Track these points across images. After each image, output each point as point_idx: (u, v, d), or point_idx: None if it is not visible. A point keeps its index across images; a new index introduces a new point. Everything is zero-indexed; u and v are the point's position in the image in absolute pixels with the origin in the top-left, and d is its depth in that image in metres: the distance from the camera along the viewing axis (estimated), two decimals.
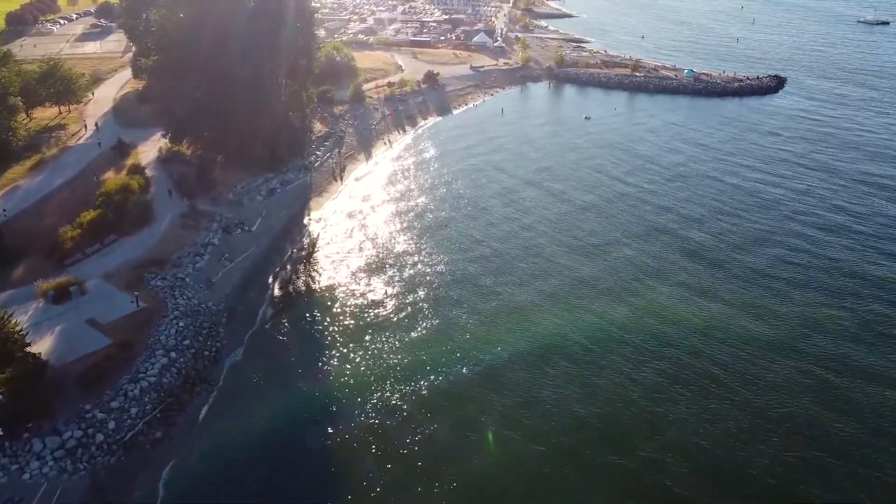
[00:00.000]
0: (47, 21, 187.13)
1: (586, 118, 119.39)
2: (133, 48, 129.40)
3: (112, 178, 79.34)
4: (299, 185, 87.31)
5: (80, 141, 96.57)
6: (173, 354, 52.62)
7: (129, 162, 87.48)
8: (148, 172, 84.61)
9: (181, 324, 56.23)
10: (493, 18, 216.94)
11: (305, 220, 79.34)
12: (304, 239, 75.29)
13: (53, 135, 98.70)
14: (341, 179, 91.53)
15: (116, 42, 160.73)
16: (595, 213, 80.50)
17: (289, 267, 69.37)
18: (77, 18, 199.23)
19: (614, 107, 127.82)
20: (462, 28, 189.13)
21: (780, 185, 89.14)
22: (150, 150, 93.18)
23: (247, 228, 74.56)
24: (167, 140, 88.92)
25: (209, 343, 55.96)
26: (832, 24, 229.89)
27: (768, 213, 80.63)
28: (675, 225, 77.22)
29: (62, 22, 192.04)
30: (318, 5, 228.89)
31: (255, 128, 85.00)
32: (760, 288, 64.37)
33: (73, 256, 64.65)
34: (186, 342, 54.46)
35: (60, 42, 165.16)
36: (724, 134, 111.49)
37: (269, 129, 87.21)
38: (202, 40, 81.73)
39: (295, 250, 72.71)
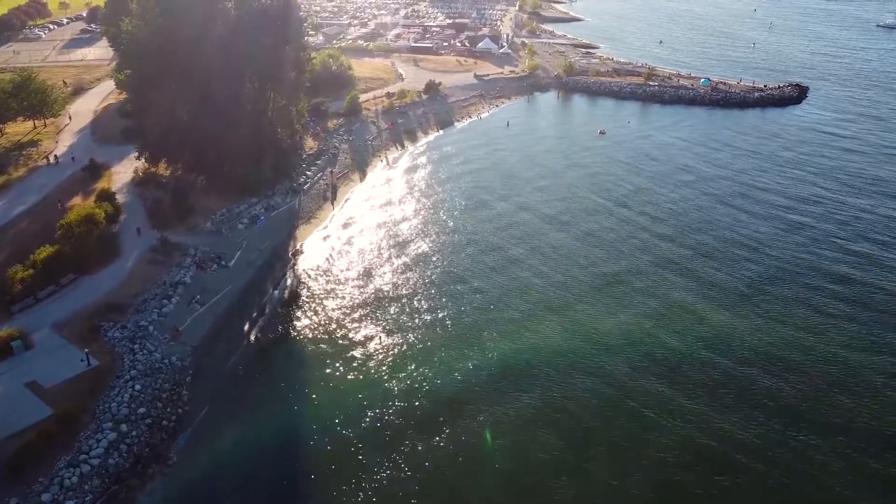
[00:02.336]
0: (35, 26, 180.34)
1: (601, 133, 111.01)
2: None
3: (78, 206, 71.95)
4: (286, 211, 79.79)
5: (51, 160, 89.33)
6: (124, 427, 45.10)
7: (101, 185, 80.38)
8: (120, 197, 77.59)
9: (137, 387, 48.71)
10: (499, 23, 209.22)
11: (290, 253, 71.72)
12: (286, 275, 67.64)
13: (24, 153, 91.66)
14: (332, 203, 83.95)
15: (105, 49, 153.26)
16: (614, 263, 70.53)
17: (268, 310, 61.71)
18: (67, 23, 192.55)
19: (627, 120, 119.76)
20: (466, 33, 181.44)
21: (815, 229, 76.89)
22: (125, 170, 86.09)
23: (223, 263, 67.06)
24: (143, 161, 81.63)
25: (169, 410, 48.39)
26: (850, 29, 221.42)
27: (800, 265, 69.56)
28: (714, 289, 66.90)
29: (51, 27, 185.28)
30: (318, 9, 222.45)
31: (237, 148, 77.61)
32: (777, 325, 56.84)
33: (22, 301, 57.23)
34: (142, 410, 46.94)
35: (47, 48, 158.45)
36: (750, 157, 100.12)
37: (253, 149, 79.69)
38: (179, 53, 74.32)
39: (276, 290, 65.06)
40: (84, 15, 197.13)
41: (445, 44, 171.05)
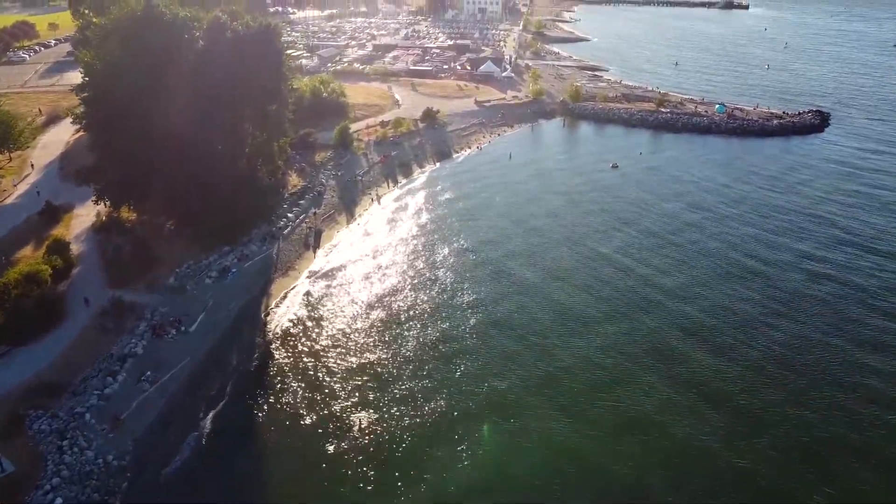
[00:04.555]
0: (20, 48, 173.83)
1: (613, 167, 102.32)
2: None
3: (23, 260, 64.13)
4: (261, 261, 71.50)
5: (9, 200, 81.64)
6: None
7: (57, 232, 72.46)
8: (77, 246, 69.79)
9: (59, 501, 40.26)
10: (502, 43, 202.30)
11: (262, 314, 63.11)
12: (256, 342, 58.99)
13: None
14: (314, 251, 75.60)
15: None
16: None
17: (230, 388, 52.96)
18: (55, 45, 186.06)
19: (639, 150, 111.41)
20: (468, 55, 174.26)
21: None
22: (89, 212, 78.08)
23: (183, 328, 58.63)
24: (103, 204, 73.77)
25: None
26: (867, 49, 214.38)
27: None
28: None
29: (38, 49, 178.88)
30: (315, 29, 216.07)
31: (209, 190, 69.56)
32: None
33: None
34: None
35: (29, 72, 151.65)
36: (783, 209, 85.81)
37: (228, 191, 71.50)
38: (141, 86, 66.51)
39: (242, 362, 56.32)
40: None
41: (446, 67, 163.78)
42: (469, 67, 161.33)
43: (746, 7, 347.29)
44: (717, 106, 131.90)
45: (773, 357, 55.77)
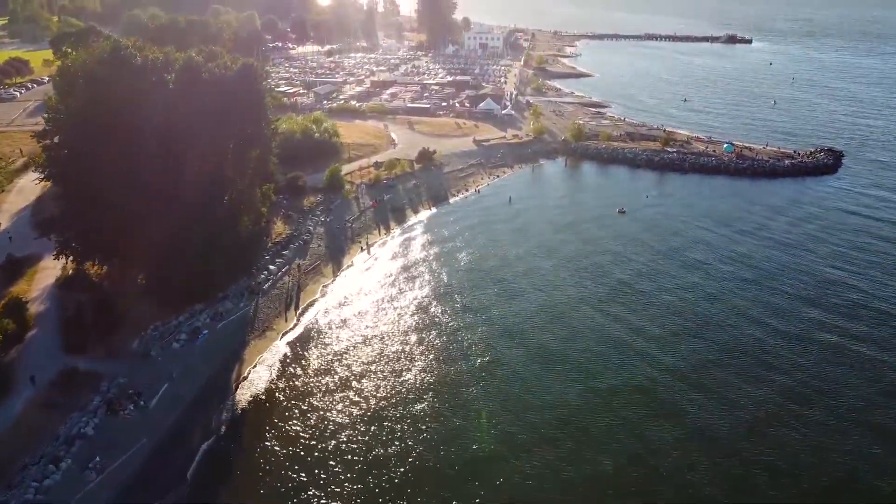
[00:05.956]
0: (11, 86, 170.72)
1: (620, 212, 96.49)
2: None
3: None
4: (236, 321, 65.76)
5: None
6: None
7: (18, 288, 67.13)
8: (38, 305, 64.52)
9: None
10: (503, 79, 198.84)
11: (233, 383, 57.08)
12: (223, 417, 52.90)
13: None
14: (296, 309, 69.83)
15: None
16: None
17: (190, 476, 46.91)
18: (48, 81, 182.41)
19: (646, 194, 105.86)
20: (467, 92, 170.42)
21: None
22: (57, 265, 72.56)
23: (143, 403, 52.75)
24: (65, 259, 68.46)
25: None
26: (877, 85, 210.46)
27: None
28: None
29: (31, 86, 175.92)
30: (314, 65, 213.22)
31: (183, 243, 64.19)
32: None
33: None
34: None
35: (17, 111, 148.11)
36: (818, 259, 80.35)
37: (202, 243, 66.03)
38: (108, 132, 61.79)
39: (206, 442, 50.26)
40: None
41: (444, 104, 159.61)
42: (468, 105, 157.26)
43: (749, 41, 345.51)
44: (725, 145, 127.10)
45: (752, 431, 51.01)
